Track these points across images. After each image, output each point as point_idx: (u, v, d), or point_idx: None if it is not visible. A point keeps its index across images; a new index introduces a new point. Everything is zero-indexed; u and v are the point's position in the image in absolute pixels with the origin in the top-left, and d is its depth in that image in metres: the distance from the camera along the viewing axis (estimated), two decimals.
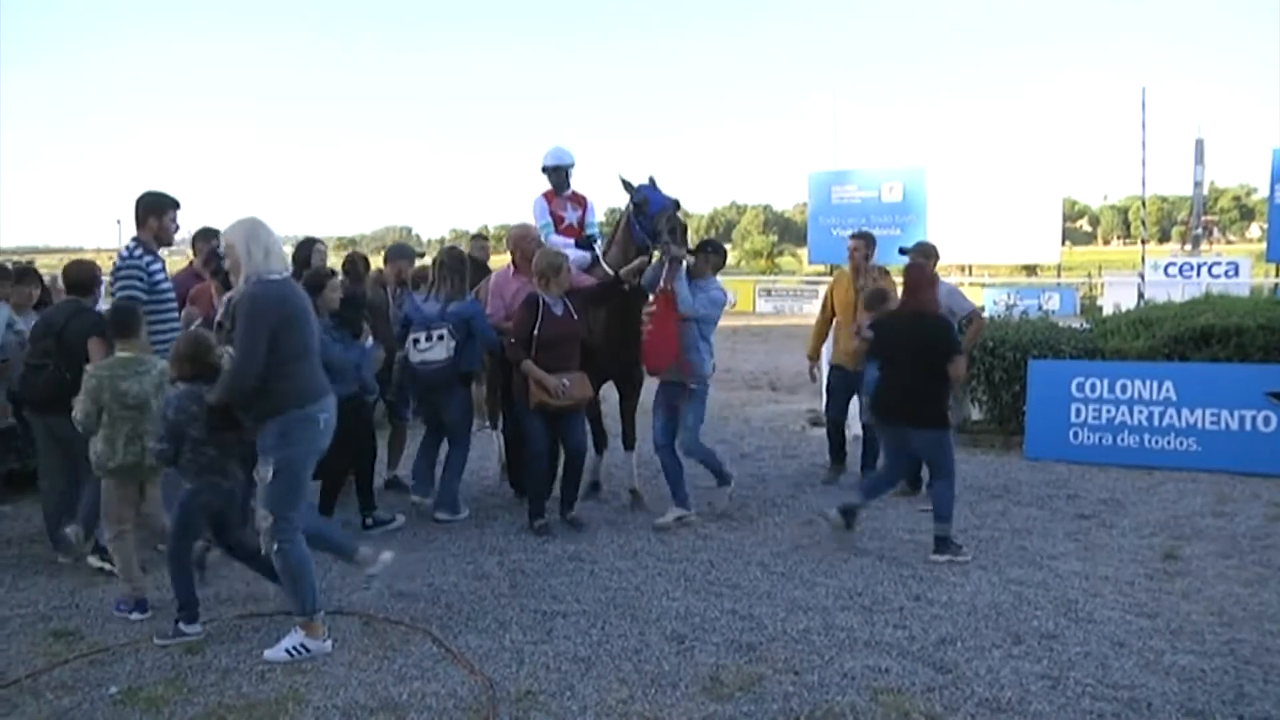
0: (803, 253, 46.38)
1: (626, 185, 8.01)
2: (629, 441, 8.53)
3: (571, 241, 8.54)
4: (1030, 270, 41.85)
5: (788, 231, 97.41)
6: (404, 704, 4.77)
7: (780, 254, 70.90)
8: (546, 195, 8.83)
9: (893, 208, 30.44)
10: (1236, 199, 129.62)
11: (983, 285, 31.27)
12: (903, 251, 8.31)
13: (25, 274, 8.57)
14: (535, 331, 7.22)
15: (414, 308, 7.75)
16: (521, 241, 8.13)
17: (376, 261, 9.63)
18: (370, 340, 7.67)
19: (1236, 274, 22.05)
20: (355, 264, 8.87)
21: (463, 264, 7.97)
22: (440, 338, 7.58)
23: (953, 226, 29.44)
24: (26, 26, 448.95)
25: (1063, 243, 33.59)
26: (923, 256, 8.04)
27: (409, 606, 6.04)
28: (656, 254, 7.56)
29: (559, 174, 8.80)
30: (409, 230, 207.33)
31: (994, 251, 30.99)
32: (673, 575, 6.55)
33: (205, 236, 8.28)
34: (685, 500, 7.76)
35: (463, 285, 7.83)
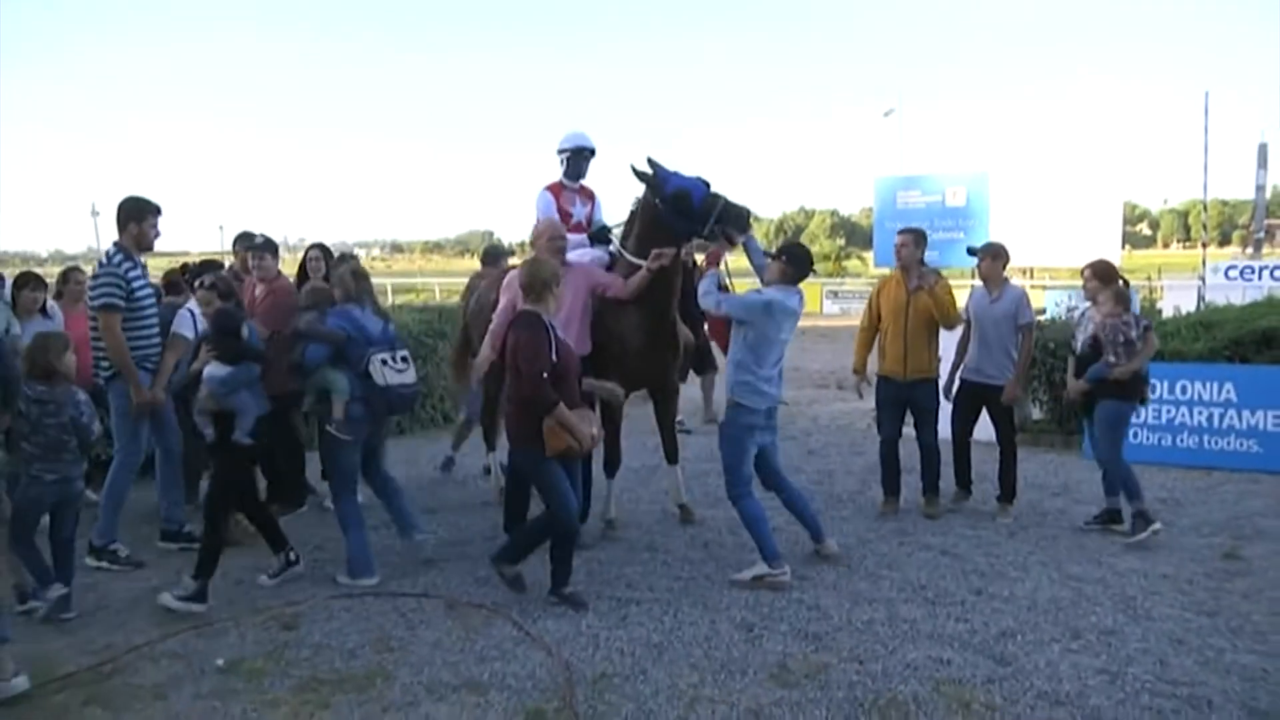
0: (869, 256, 46.01)
1: (651, 175, 6.85)
2: (672, 455, 7.59)
3: (584, 239, 7.64)
4: None
5: (854, 235, 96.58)
6: (485, 683, 4.82)
7: (847, 257, 70.31)
8: (553, 188, 7.75)
9: (956, 212, 30.03)
10: None
11: (1044, 288, 30.79)
12: (971, 252, 8.08)
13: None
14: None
15: (359, 323, 6.30)
16: (555, 235, 6.84)
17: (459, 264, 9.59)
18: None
19: None
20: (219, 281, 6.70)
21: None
22: (405, 359, 6.40)
23: (1015, 230, 28.96)
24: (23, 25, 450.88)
25: (1123, 246, 32.95)
26: (992, 256, 7.75)
27: (491, 591, 6.09)
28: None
29: (579, 159, 7.72)
30: (491, 234, 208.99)
31: (1055, 254, 30.46)
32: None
33: (245, 239, 8.05)
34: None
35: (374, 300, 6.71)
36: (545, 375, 5.56)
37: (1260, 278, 21.43)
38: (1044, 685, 4.73)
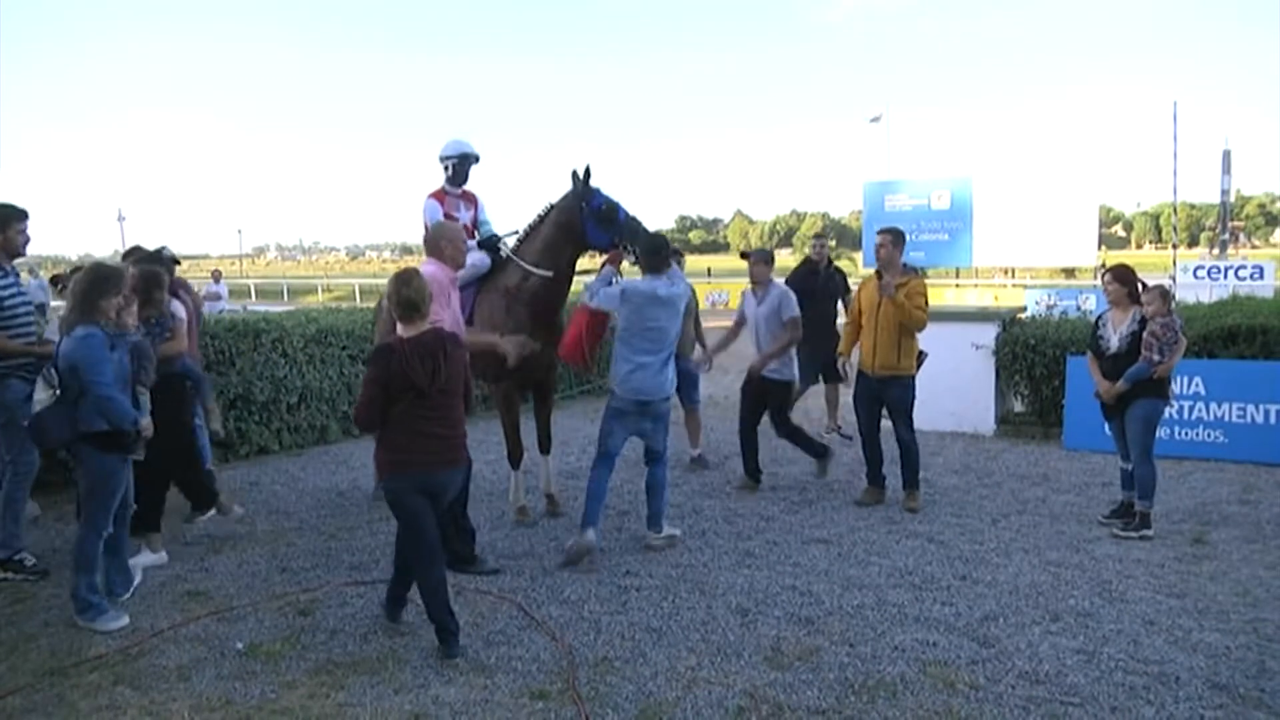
0: (858, 257, 45.99)
1: (585, 184, 6.94)
2: (546, 446, 7.64)
3: (473, 244, 7.36)
4: (1069, 272, 41.09)
5: (844, 237, 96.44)
6: (492, 666, 4.81)
7: (838, 258, 70.19)
8: (436, 195, 7.51)
9: (941, 214, 30.07)
10: (1261, 206, 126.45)
11: (1025, 286, 30.86)
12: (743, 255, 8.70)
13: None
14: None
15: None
16: (457, 239, 6.41)
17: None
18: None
19: (1261, 277, 21.49)
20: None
21: None
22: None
23: (997, 231, 29.13)
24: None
25: (1099, 247, 32.93)
26: (765, 263, 8.36)
27: (496, 578, 6.09)
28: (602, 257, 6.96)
29: (463, 165, 7.56)
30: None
31: (1035, 255, 30.60)
32: (738, 553, 6.53)
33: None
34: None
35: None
36: (373, 405, 4.88)
37: (1225, 277, 21.51)
38: (1025, 665, 4.73)
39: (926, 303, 7.63)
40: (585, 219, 6.90)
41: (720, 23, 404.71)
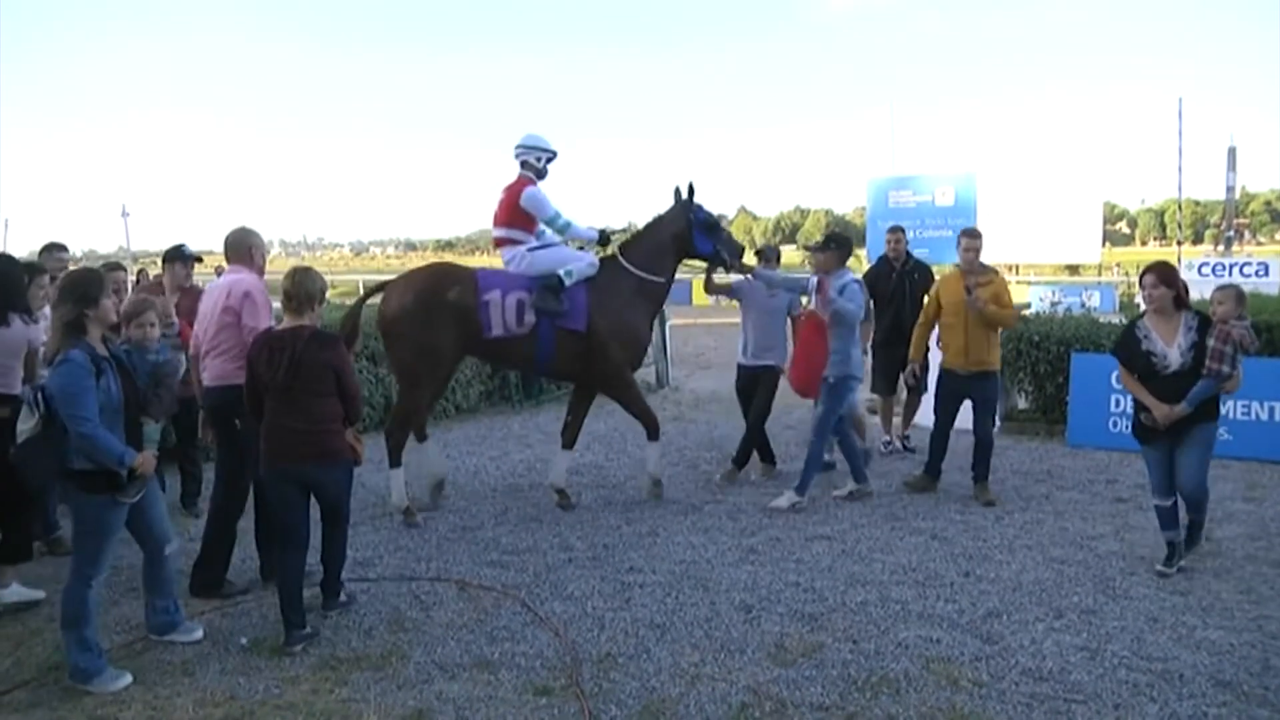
0: (862, 253, 46.03)
1: (690, 199, 7.82)
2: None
3: (595, 235, 7.83)
4: (1073, 269, 41.06)
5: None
6: (495, 662, 4.82)
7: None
8: (534, 185, 7.59)
9: (945, 211, 29.99)
10: (1267, 203, 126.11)
11: (1029, 283, 30.79)
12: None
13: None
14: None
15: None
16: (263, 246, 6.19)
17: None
18: None
19: (1267, 274, 21.43)
20: None
21: None
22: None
23: (1001, 228, 29.05)
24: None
25: (1103, 244, 32.91)
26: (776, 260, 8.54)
27: (500, 575, 6.10)
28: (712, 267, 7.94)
29: (550, 161, 7.78)
30: None
31: (1039, 252, 30.50)
32: (741, 550, 6.53)
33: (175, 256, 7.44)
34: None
35: None
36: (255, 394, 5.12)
37: (1230, 274, 21.43)
38: (1028, 662, 4.73)
39: (1010, 300, 7.82)
40: (694, 229, 7.74)
41: (722, 19, 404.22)
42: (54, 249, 7.53)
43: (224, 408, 5.71)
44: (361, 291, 9.88)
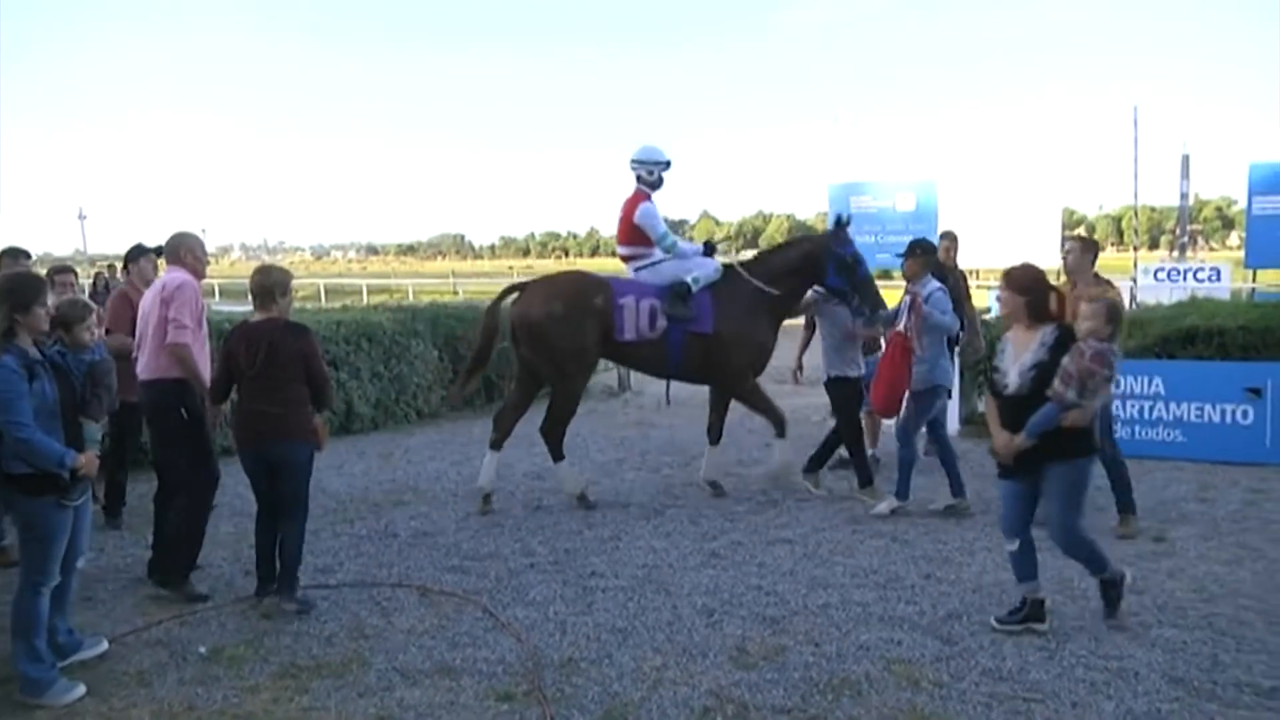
0: None
1: (837, 231, 7.94)
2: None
3: (700, 249, 8.10)
4: None
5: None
6: (457, 668, 4.80)
7: None
8: (648, 200, 7.85)
9: (906, 217, 30.08)
10: (1219, 210, 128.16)
11: (989, 288, 31.04)
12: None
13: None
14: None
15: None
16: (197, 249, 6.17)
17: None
18: None
19: (1219, 279, 21.76)
20: None
21: None
22: None
23: (961, 233, 29.22)
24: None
25: (1062, 248, 33.33)
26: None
27: (462, 580, 6.08)
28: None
29: (665, 170, 7.99)
30: (462, 237, 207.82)
31: (999, 256, 30.60)
32: (703, 554, 6.54)
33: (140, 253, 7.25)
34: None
35: None
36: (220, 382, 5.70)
37: (1185, 279, 21.76)
38: (988, 662, 4.77)
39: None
40: (830, 261, 7.70)
41: (684, 24, 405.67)
42: (16, 254, 7.39)
43: (163, 401, 5.83)
44: (323, 296, 9.83)
